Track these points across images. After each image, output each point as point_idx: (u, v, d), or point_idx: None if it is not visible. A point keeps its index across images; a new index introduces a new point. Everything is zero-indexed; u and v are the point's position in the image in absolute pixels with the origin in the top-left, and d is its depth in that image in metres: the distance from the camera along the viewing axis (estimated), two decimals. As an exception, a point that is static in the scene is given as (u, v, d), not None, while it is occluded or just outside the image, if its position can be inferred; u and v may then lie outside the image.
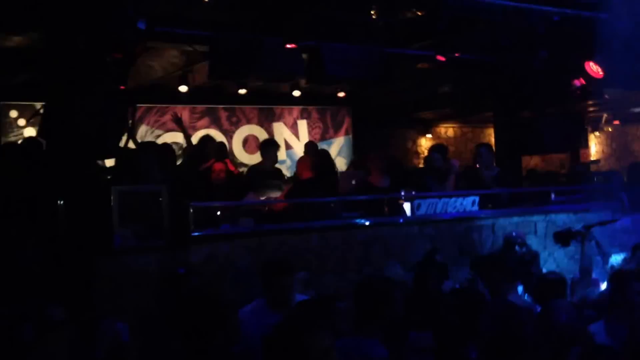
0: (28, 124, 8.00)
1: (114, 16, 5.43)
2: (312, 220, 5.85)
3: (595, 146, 13.00)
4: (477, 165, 7.11)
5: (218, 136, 9.20)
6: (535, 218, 6.35)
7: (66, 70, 5.28)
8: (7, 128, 7.99)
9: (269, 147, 7.24)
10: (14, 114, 8.14)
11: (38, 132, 6.52)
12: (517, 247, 5.33)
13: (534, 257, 5.20)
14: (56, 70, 5.34)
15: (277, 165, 7.57)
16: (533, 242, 6.02)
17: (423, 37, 7.04)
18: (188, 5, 6.50)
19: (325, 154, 8.25)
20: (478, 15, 6.31)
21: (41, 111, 6.17)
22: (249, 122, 9.94)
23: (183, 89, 8.10)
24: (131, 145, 6.26)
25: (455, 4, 6.36)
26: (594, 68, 6.91)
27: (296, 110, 10.27)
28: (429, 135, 11.73)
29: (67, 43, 5.27)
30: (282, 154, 9.89)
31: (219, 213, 5.67)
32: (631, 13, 6.17)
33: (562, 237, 5.51)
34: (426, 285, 4.39)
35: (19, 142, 7.69)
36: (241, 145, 9.82)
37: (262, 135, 9.87)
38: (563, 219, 6.40)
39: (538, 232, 6.35)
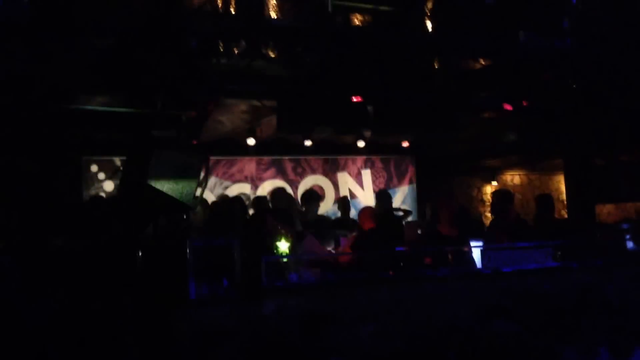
0: (107, 178, 8.42)
1: (189, 78, 5.75)
2: (379, 270, 5.84)
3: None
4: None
5: (285, 187, 9.41)
6: (613, 271, 6.09)
7: (145, 129, 5.58)
8: (88, 182, 8.41)
9: (311, 201, 7.40)
10: (94, 168, 8.57)
11: (118, 187, 6.84)
12: None
13: None
14: (136, 128, 5.65)
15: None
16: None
17: (489, 86, 7.04)
18: (257, 62, 6.78)
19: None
20: (547, 62, 6.29)
21: (121, 167, 6.52)
22: (313, 172, 10.09)
23: (251, 142, 8.34)
24: (204, 197, 6.47)
25: (522, 51, 6.38)
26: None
27: (360, 160, 10.36)
28: (494, 183, 11.55)
29: (147, 103, 5.59)
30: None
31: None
32: None
33: None
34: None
35: (102, 195, 8.10)
36: (307, 195, 9.95)
37: (326, 185, 9.98)
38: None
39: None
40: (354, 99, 6.52)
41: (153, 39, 5.55)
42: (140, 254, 5.44)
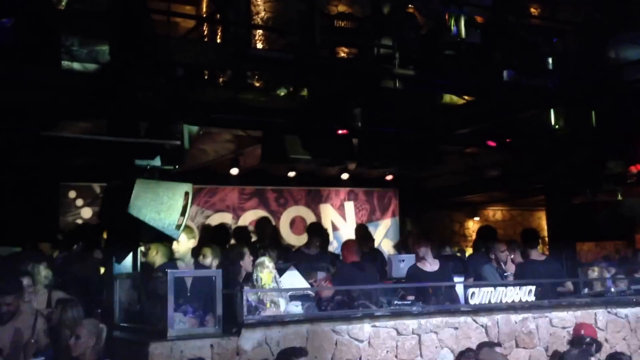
0: (85, 205, 8.29)
1: (173, 105, 5.71)
2: (362, 303, 5.78)
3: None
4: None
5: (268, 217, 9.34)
6: (596, 310, 6.10)
7: (127, 156, 5.50)
8: (65, 208, 8.27)
9: (315, 236, 7.30)
10: (72, 194, 8.44)
11: (98, 215, 6.71)
12: None
13: None
14: (119, 156, 5.56)
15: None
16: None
17: (473, 122, 7.11)
18: (243, 92, 6.78)
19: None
20: (529, 100, 6.37)
21: (100, 194, 6.41)
22: (296, 203, 10.03)
23: (234, 171, 8.29)
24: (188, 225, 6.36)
25: (506, 89, 6.46)
26: (650, 154, 6.83)
27: (343, 192, 10.34)
28: (476, 218, 11.61)
29: (129, 130, 5.52)
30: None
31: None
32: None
33: None
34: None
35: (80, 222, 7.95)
36: (288, 226, 9.88)
37: (309, 216, 9.91)
38: (627, 311, 6.12)
39: (599, 324, 6.07)
40: (340, 132, 6.51)
41: (137, 66, 5.51)
42: (117, 283, 5.32)
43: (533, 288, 5.95)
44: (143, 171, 5.52)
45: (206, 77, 6.93)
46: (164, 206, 5.47)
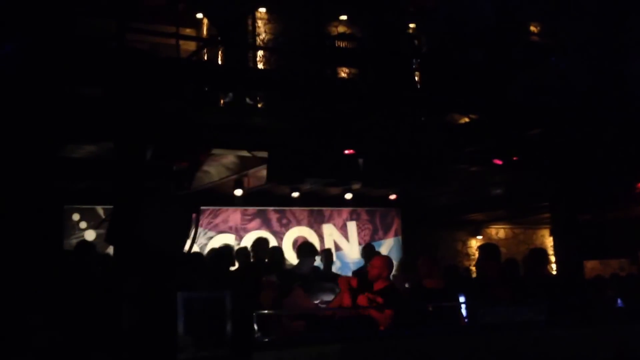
0: (89, 227, 8.25)
1: (181, 127, 5.70)
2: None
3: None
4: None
5: (269, 237, 9.26)
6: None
7: (134, 179, 5.47)
8: (69, 230, 8.22)
9: (306, 254, 7.20)
10: (76, 217, 8.42)
11: (104, 238, 6.65)
12: None
13: None
14: (125, 179, 5.53)
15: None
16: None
17: (478, 141, 7.11)
18: (248, 113, 6.79)
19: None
20: (535, 118, 6.39)
21: (105, 217, 6.35)
22: (299, 223, 10.01)
23: (238, 192, 8.27)
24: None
25: (511, 107, 6.49)
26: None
27: (345, 211, 10.32)
28: (479, 237, 11.57)
29: (137, 153, 5.50)
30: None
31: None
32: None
33: None
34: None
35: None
36: (291, 246, 9.82)
37: (311, 236, 9.88)
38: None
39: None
40: (346, 152, 6.51)
41: (145, 89, 5.51)
42: (125, 307, 5.25)
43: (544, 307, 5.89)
44: (150, 194, 5.48)
45: (212, 100, 6.94)
46: (171, 229, 5.43)
